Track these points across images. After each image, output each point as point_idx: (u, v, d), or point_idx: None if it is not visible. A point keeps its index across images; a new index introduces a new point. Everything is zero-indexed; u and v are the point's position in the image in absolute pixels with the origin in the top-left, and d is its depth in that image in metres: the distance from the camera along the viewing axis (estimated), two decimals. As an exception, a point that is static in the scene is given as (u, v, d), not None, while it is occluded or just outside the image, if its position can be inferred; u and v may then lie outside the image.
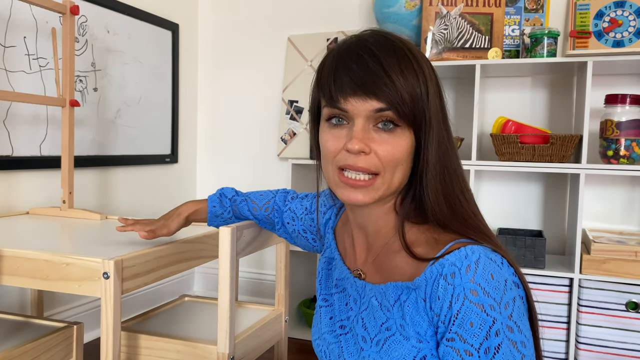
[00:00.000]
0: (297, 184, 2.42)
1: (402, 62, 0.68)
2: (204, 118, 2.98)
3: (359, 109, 0.68)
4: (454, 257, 0.66)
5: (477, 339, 0.62)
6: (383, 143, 0.69)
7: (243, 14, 2.86)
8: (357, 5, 2.63)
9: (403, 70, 0.68)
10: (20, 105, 1.93)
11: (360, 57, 0.69)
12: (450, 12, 2.18)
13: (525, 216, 2.37)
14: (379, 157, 0.69)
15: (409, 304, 0.69)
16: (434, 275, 0.66)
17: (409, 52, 0.70)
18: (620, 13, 1.95)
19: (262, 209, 1.19)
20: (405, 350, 0.67)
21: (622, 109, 1.94)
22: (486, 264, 0.65)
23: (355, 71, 0.68)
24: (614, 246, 1.91)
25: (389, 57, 0.68)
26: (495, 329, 0.62)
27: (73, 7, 1.81)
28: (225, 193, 1.25)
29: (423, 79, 0.69)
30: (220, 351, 1.31)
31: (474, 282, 0.63)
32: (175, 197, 2.84)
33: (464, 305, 0.63)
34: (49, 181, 2.06)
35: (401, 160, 0.70)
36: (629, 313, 1.90)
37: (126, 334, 1.42)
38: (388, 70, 0.67)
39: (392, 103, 0.67)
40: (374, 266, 0.77)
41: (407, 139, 0.70)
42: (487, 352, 0.62)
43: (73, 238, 1.49)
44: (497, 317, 0.62)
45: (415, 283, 0.68)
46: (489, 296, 0.63)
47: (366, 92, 0.67)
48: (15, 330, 1.43)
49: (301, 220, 1.06)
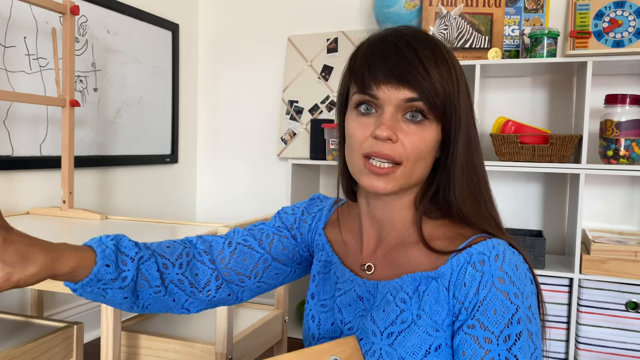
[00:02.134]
0: (297, 184, 2.42)
1: (437, 54, 0.69)
2: (204, 118, 2.99)
3: (391, 97, 0.68)
4: (482, 246, 0.67)
5: (499, 327, 0.64)
6: (410, 134, 0.69)
7: (243, 14, 2.86)
8: (357, 5, 2.63)
9: (438, 64, 0.68)
10: (20, 105, 1.94)
11: (397, 46, 0.69)
12: (450, 12, 2.18)
13: (525, 216, 2.37)
14: (405, 147, 0.69)
15: (428, 293, 0.69)
16: (461, 263, 0.67)
17: (443, 48, 0.71)
18: (620, 13, 1.95)
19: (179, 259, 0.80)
20: (421, 339, 0.68)
21: (622, 109, 1.94)
22: (512, 256, 0.67)
23: (392, 59, 0.68)
24: (614, 246, 1.91)
25: (426, 49, 0.69)
26: (518, 317, 0.64)
27: (73, 7, 1.81)
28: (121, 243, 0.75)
29: (455, 76, 0.70)
30: (218, 351, 1.31)
31: (502, 270, 0.65)
32: (175, 197, 2.84)
33: (490, 292, 0.64)
34: (49, 181, 2.06)
35: (425, 153, 0.70)
36: (629, 313, 1.90)
37: (126, 334, 1.42)
38: (424, 61, 0.68)
39: (425, 94, 0.67)
40: (385, 259, 0.76)
41: (434, 132, 0.70)
42: (506, 340, 0.63)
43: (73, 238, 1.49)
44: (520, 306, 0.64)
45: (439, 272, 0.69)
46: (515, 285, 0.64)
47: (400, 81, 0.68)
48: (15, 330, 1.43)
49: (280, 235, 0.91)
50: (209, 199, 2.99)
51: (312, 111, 2.67)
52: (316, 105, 2.66)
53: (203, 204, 3.00)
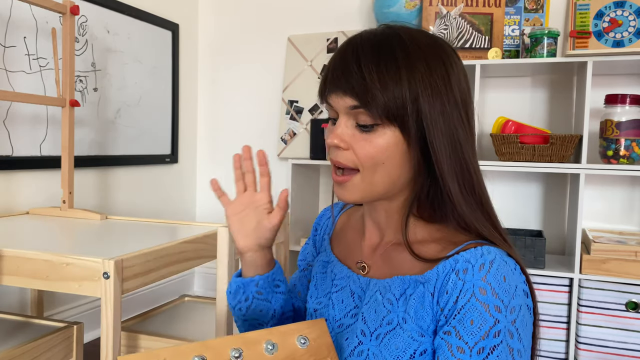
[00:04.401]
0: (297, 184, 2.42)
1: (383, 59, 0.67)
2: (204, 118, 2.99)
3: (339, 105, 0.70)
4: (470, 254, 0.66)
5: (474, 338, 0.62)
6: (360, 140, 0.69)
7: (243, 14, 2.86)
8: (357, 5, 2.63)
9: (381, 68, 0.67)
10: (20, 105, 1.94)
11: (344, 53, 0.70)
12: (450, 12, 2.18)
13: (525, 216, 2.37)
14: (356, 154, 0.70)
15: (414, 297, 0.68)
16: (446, 270, 0.67)
17: (401, 49, 0.68)
18: (620, 13, 1.95)
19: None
20: (406, 343, 0.67)
21: (622, 109, 1.94)
22: (500, 266, 0.65)
23: (338, 67, 0.70)
24: (614, 246, 1.91)
25: (371, 54, 0.68)
26: (496, 330, 0.62)
27: (73, 7, 1.81)
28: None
29: (411, 78, 0.67)
30: (220, 351, 1.31)
31: (485, 281, 0.63)
32: (175, 197, 2.84)
33: (469, 301, 0.63)
34: (49, 181, 2.06)
35: (381, 159, 0.69)
36: (629, 313, 1.90)
37: (126, 334, 1.42)
38: (362, 67, 0.67)
39: (364, 101, 0.67)
40: (382, 259, 0.77)
41: (390, 138, 0.68)
42: (480, 352, 0.62)
43: (73, 238, 1.49)
44: (500, 319, 0.62)
45: (425, 276, 0.68)
46: (497, 297, 0.63)
47: (342, 89, 0.69)
48: (15, 330, 1.43)
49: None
50: (209, 199, 2.99)
51: (312, 111, 2.67)
52: (316, 105, 2.66)
53: (203, 204, 3.00)
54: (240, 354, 0.66)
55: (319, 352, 0.70)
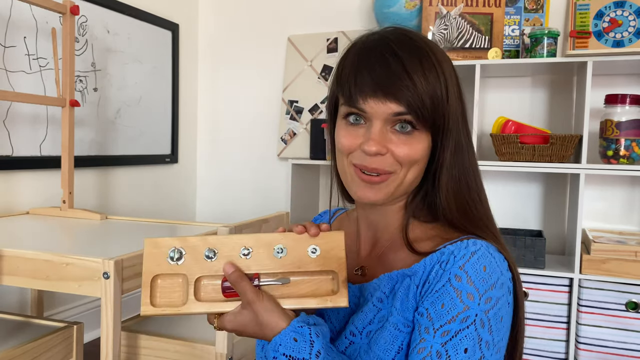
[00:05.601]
0: (297, 184, 2.42)
1: (424, 62, 0.67)
2: (204, 118, 2.99)
3: (378, 111, 0.67)
4: (455, 246, 0.67)
5: (440, 321, 0.63)
6: (401, 144, 0.68)
7: (243, 14, 2.86)
8: (357, 5, 2.63)
9: (425, 72, 0.66)
10: (20, 105, 1.94)
11: (382, 56, 0.67)
12: (450, 12, 2.18)
13: (525, 216, 2.37)
14: (396, 158, 0.69)
15: (401, 289, 0.69)
16: (433, 262, 0.68)
17: (431, 52, 0.69)
18: (620, 13, 1.95)
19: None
20: (393, 335, 0.68)
21: (622, 109, 1.94)
22: (483, 256, 0.65)
23: (377, 71, 0.67)
24: (614, 246, 1.91)
25: (412, 57, 0.67)
26: (464, 316, 0.62)
27: (73, 7, 1.81)
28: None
29: (444, 81, 0.68)
30: (218, 351, 1.31)
31: (462, 269, 0.64)
32: (175, 197, 2.84)
33: (444, 286, 0.64)
34: (49, 181, 2.06)
35: (417, 161, 0.70)
36: (629, 313, 1.90)
37: (126, 334, 1.42)
38: (410, 72, 0.66)
39: (412, 107, 0.66)
40: (379, 260, 0.77)
41: (425, 141, 0.69)
42: (444, 334, 0.62)
43: (73, 238, 1.49)
44: (471, 307, 0.63)
45: (413, 269, 0.69)
46: (473, 285, 0.63)
47: (386, 95, 0.66)
48: (15, 330, 1.43)
49: None
50: (209, 199, 2.99)
51: (312, 111, 2.67)
52: (316, 105, 2.66)
53: (203, 204, 3.00)
54: (249, 252, 0.70)
55: (328, 264, 0.70)
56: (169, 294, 0.69)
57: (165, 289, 0.69)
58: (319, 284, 0.70)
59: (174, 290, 0.69)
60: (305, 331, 0.64)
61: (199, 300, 0.69)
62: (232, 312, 0.68)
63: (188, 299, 0.69)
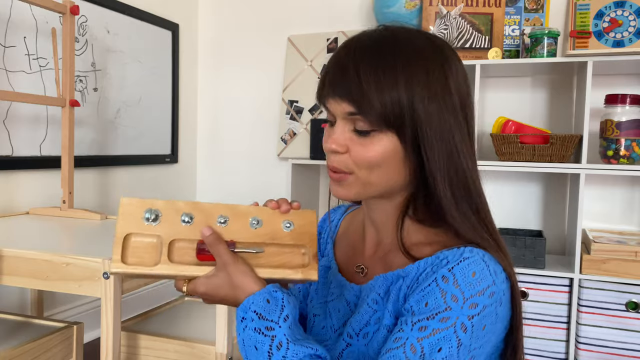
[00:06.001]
0: (297, 184, 2.42)
1: (381, 64, 0.66)
2: (204, 118, 2.99)
3: (336, 110, 0.69)
4: (450, 252, 0.67)
5: (419, 316, 0.64)
6: (357, 145, 0.69)
7: (243, 14, 2.86)
8: (357, 5, 2.63)
9: (379, 73, 0.65)
10: (20, 105, 1.94)
11: (341, 57, 0.69)
12: (450, 12, 2.18)
13: (525, 216, 2.37)
14: (352, 158, 0.69)
15: (394, 291, 0.70)
16: (427, 265, 0.68)
17: (399, 53, 0.67)
18: (620, 13, 1.95)
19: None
20: (385, 337, 0.68)
21: (622, 109, 1.94)
22: (474, 263, 0.65)
23: (335, 72, 0.69)
24: (614, 246, 1.91)
25: (370, 58, 0.67)
26: (444, 316, 0.62)
27: (73, 7, 1.81)
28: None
29: (408, 82, 0.66)
30: (218, 351, 1.31)
31: (450, 271, 0.64)
32: (175, 197, 2.84)
33: (430, 285, 0.65)
34: (49, 181, 2.06)
35: (377, 164, 0.68)
36: (629, 313, 1.90)
37: (126, 334, 1.42)
38: (361, 73, 0.66)
39: (362, 108, 0.66)
40: (381, 261, 0.77)
41: (387, 142, 0.68)
42: (421, 330, 0.63)
43: (73, 238, 1.49)
44: (454, 308, 0.62)
45: (406, 270, 0.70)
46: (458, 288, 0.63)
47: (340, 95, 0.68)
48: (15, 330, 1.43)
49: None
50: (209, 199, 2.99)
51: (312, 111, 2.67)
52: (316, 105, 2.66)
53: (203, 204, 3.00)
54: (225, 220, 0.70)
55: (301, 239, 0.73)
56: (141, 254, 0.68)
57: (138, 248, 0.69)
58: (291, 256, 0.72)
59: (146, 251, 0.69)
60: (279, 295, 0.66)
61: (172, 262, 0.68)
62: (205, 275, 0.69)
63: (161, 259, 0.68)
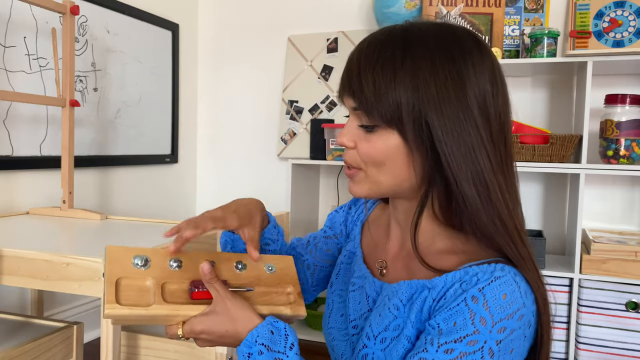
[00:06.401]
0: (297, 184, 2.42)
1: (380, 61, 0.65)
2: (204, 118, 2.99)
3: (347, 104, 0.71)
4: (481, 269, 0.64)
5: (447, 338, 0.62)
6: (363, 140, 0.69)
7: (243, 14, 2.86)
8: (357, 5, 2.63)
9: (377, 71, 0.65)
10: (20, 105, 1.94)
11: (352, 52, 0.70)
12: (450, 12, 2.17)
13: (525, 216, 2.36)
14: (358, 154, 0.70)
15: (418, 301, 0.67)
16: (455, 279, 0.65)
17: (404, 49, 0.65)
18: (620, 13, 1.95)
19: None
20: (405, 348, 0.67)
21: (622, 109, 1.94)
22: (505, 283, 0.62)
23: (345, 67, 0.71)
24: (614, 246, 1.91)
25: (373, 54, 0.66)
26: (472, 340, 0.60)
27: (73, 7, 1.81)
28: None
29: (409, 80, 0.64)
30: (218, 351, 1.31)
31: (480, 291, 0.62)
32: (175, 197, 2.84)
33: (459, 305, 0.62)
34: (49, 181, 2.06)
35: (382, 161, 0.67)
36: (629, 313, 1.90)
37: (126, 334, 1.42)
38: (361, 69, 0.66)
39: (361, 102, 0.67)
40: (402, 264, 0.76)
41: (389, 140, 0.66)
42: (447, 352, 0.61)
43: (73, 238, 1.49)
44: (482, 332, 0.61)
45: (433, 282, 0.67)
46: (488, 310, 0.61)
47: (347, 90, 0.69)
48: (15, 330, 1.43)
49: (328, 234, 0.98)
50: (209, 199, 2.99)
51: (312, 111, 2.67)
52: (316, 105, 2.66)
53: (203, 204, 3.00)
54: (213, 264, 0.74)
55: (284, 280, 0.80)
56: (134, 296, 0.68)
57: (130, 290, 0.69)
58: (278, 296, 0.78)
59: (139, 292, 0.69)
60: (280, 325, 0.69)
61: (166, 302, 0.69)
62: (202, 312, 0.70)
63: (155, 299, 0.68)
